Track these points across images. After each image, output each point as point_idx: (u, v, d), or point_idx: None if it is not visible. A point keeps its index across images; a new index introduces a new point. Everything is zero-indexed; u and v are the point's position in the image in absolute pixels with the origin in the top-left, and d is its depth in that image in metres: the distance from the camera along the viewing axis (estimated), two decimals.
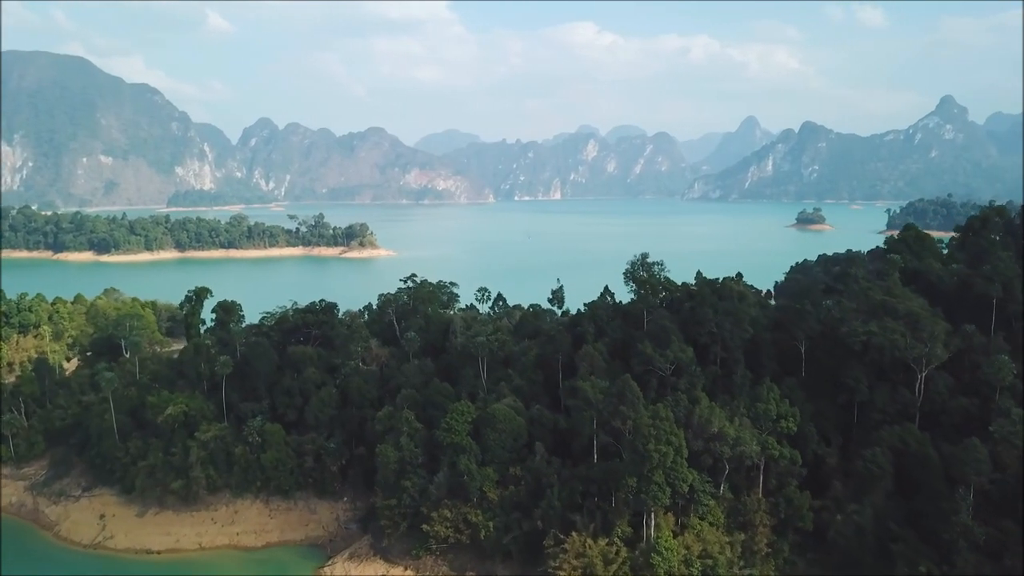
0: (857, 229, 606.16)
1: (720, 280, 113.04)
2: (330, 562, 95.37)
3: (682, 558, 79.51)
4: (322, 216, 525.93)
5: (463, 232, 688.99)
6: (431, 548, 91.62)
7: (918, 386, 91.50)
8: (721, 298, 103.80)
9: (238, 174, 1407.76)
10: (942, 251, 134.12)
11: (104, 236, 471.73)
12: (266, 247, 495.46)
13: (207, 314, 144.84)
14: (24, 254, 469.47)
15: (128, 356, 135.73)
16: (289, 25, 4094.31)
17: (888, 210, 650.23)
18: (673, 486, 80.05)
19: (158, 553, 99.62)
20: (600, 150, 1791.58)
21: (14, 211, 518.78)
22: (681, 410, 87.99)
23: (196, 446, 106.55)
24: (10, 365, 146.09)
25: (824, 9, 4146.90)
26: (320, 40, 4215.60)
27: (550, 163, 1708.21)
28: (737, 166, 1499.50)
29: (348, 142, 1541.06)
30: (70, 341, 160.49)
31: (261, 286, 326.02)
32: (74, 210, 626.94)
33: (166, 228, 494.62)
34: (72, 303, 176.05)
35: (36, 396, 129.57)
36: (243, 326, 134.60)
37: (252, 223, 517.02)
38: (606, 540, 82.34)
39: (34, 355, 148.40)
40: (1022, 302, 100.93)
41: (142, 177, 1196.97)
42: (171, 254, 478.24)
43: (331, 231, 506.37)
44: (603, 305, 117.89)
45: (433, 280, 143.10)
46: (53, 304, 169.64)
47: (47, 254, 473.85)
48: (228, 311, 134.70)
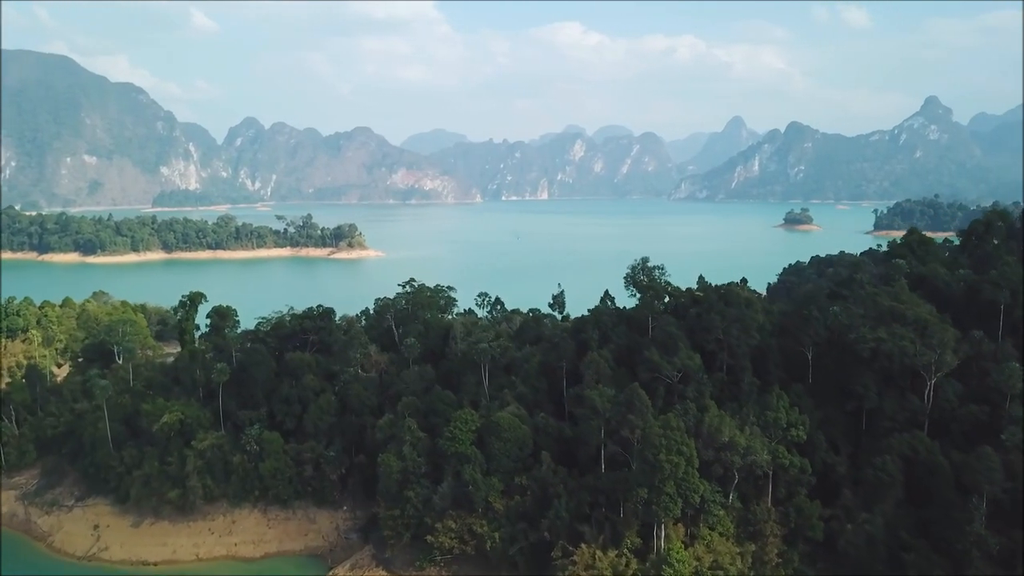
0: (845, 229, 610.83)
1: (725, 286, 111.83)
2: (331, 572, 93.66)
3: (693, 570, 78.41)
4: (310, 217, 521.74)
5: (451, 232, 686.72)
6: (435, 559, 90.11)
7: (927, 393, 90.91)
8: (728, 304, 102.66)
9: (224, 174, 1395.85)
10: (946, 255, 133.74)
11: (90, 237, 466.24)
12: (254, 248, 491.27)
13: (201, 319, 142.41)
14: (8, 255, 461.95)
15: (121, 362, 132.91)
16: (275, 24, 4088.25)
17: (875, 210, 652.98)
18: (684, 497, 78.92)
19: (154, 564, 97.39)
20: (587, 150, 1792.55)
21: None
22: (690, 419, 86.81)
23: (193, 455, 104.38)
24: None
25: (809, 10, 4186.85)
26: (306, 39, 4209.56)
27: (537, 163, 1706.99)
28: (724, 166, 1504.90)
29: (335, 142, 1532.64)
30: (60, 346, 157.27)
31: (252, 288, 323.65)
32: (58, 210, 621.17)
33: (152, 229, 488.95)
34: (61, 306, 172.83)
35: (27, 403, 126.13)
36: (238, 332, 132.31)
37: (239, 224, 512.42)
38: (615, 551, 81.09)
39: (23, 360, 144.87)
40: None
41: (127, 177, 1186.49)
42: (158, 255, 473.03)
43: (319, 232, 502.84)
44: (606, 311, 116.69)
45: (427, 283, 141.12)
46: (41, 308, 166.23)
47: (32, 255, 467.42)
48: (223, 316, 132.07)
